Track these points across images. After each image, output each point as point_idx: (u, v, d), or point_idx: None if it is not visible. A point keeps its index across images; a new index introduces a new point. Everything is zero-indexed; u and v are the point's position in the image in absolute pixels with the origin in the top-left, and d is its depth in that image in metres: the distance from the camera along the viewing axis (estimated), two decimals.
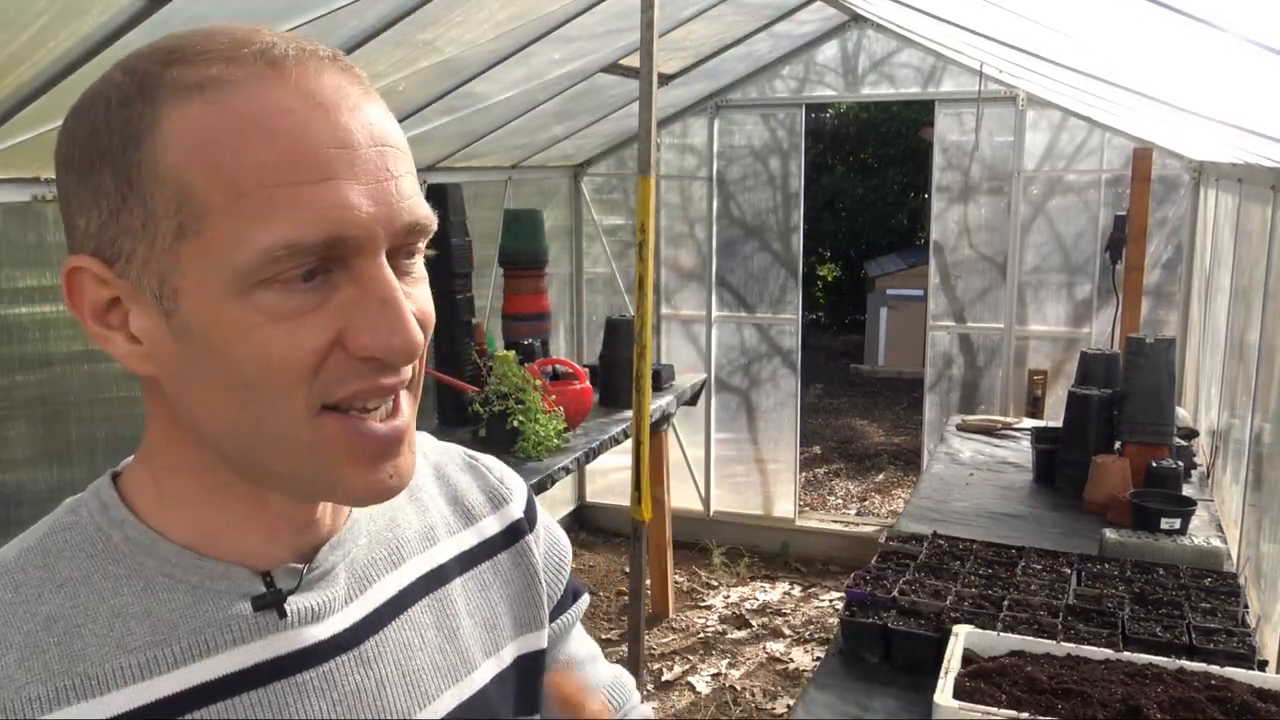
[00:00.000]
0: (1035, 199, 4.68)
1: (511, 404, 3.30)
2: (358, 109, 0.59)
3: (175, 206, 0.57)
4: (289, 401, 0.59)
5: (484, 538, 0.83)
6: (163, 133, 0.57)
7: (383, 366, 0.60)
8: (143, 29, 1.96)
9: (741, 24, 4.27)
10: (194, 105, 0.57)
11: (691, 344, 5.39)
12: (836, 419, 8.53)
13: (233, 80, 0.57)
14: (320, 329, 0.58)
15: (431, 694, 0.72)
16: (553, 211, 5.18)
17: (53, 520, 0.66)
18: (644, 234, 2.81)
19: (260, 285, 0.57)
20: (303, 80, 0.58)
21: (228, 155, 0.56)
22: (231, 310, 0.57)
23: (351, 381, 0.60)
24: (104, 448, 2.75)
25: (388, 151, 0.60)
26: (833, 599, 4.86)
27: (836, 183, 11.55)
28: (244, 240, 0.56)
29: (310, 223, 0.56)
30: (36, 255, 2.57)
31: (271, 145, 0.56)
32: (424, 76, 3.11)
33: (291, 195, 0.56)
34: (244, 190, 0.56)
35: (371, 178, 0.58)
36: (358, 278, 0.59)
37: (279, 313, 0.57)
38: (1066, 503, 2.91)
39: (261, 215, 0.56)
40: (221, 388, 0.60)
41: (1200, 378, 3.99)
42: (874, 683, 1.90)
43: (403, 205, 0.60)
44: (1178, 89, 2.55)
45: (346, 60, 0.62)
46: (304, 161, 0.56)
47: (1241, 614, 2.00)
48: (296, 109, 0.57)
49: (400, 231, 0.60)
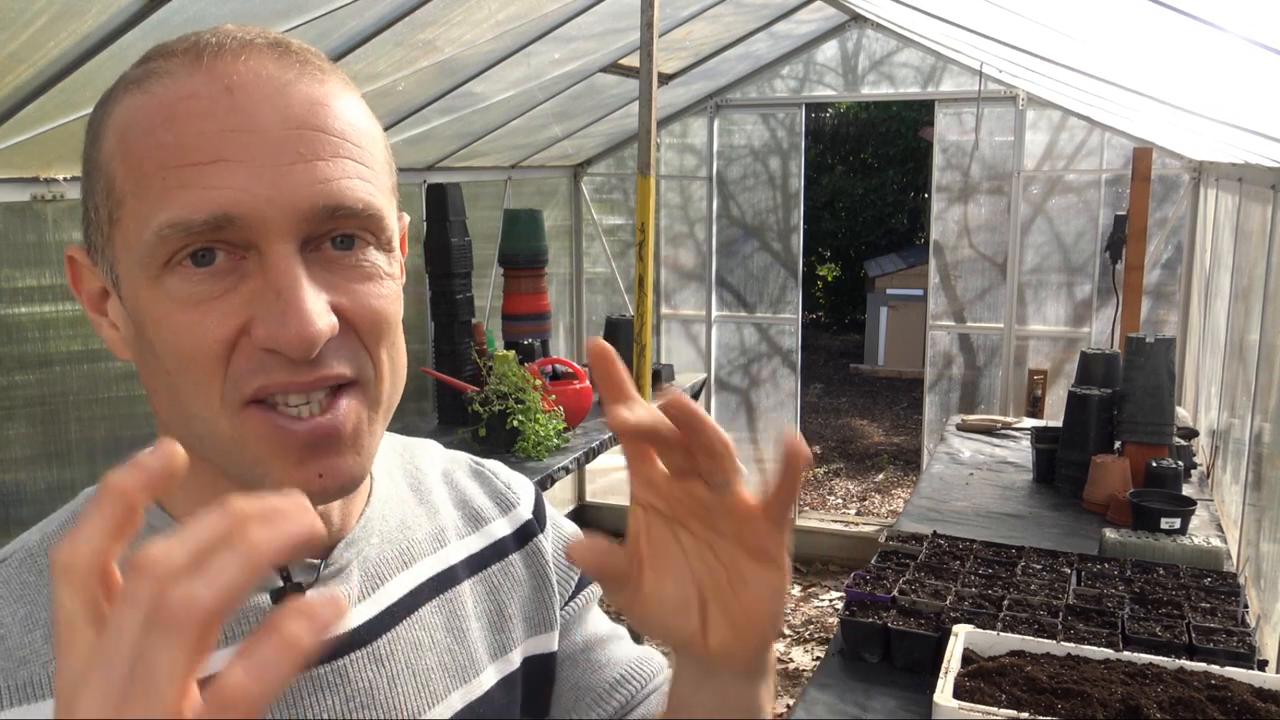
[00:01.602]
0: (1035, 199, 4.68)
1: (511, 404, 3.30)
2: (280, 93, 0.58)
3: (106, 194, 0.59)
4: (206, 392, 0.58)
5: (493, 540, 0.83)
6: (107, 127, 0.59)
7: (288, 360, 0.58)
8: (142, 29, 1.96)
9: (741, 24, 4.27)
10: (127, 98, 0.59)
11: (691, 344, 5.39)
12: (836, 419, 8.53)
13: (160, 72, 0.58)
14: (225, 317, 0.57)
15: (440, 694, 0.73)
16: (552, 211, 5.17)
17: (73, 506, 0.68)
18: (644, 234, 2.80)
19: (166, 270, 0.57)
20: (217, 67, 0.58)
21: (138, 141, 0.57)
22: (148, 296, 0.58)
23: (258, 375, 0.58)
24: (103, 448, 2.75)
25: (309, 135, 0.58)
26: (832, 599, 4.86)
27: (836, 183, 11.55)
28: (144, 221, 0.57)
29: (194, 202, 0.55)
30: (36, 255, 2.57)
31: (171, 129, 0.56)
32: (423, 76, 3.11)
33: (181, 175, 0.56)
34: (146, 172, 0.57)
35: (276, 159, 0.57)
36: (264, 266, 0.57)
37: (184, 299, 0.57)
38: (1066, 503, 2.91)
39: (158, 196, 0.56)
40: (158, 375, 0.60)
41: (1200, 377, 3.99)
42: (874, 683, 1.90)
43: (316, 188, 0.57)
44: (1178, 89, 2.55)
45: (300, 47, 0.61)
46: (198, 143, 0.56)
47: (1241, 614, 2.00)
48: (202, 94, 0.57)
49: (312, 215, 0.57)
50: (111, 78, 0.63)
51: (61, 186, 2.54)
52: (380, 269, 0.62)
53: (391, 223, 0.63)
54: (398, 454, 0.82)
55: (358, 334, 0.61)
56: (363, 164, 0.60)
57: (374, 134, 0.63)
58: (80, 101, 2.18)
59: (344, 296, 0.59)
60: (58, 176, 2.53)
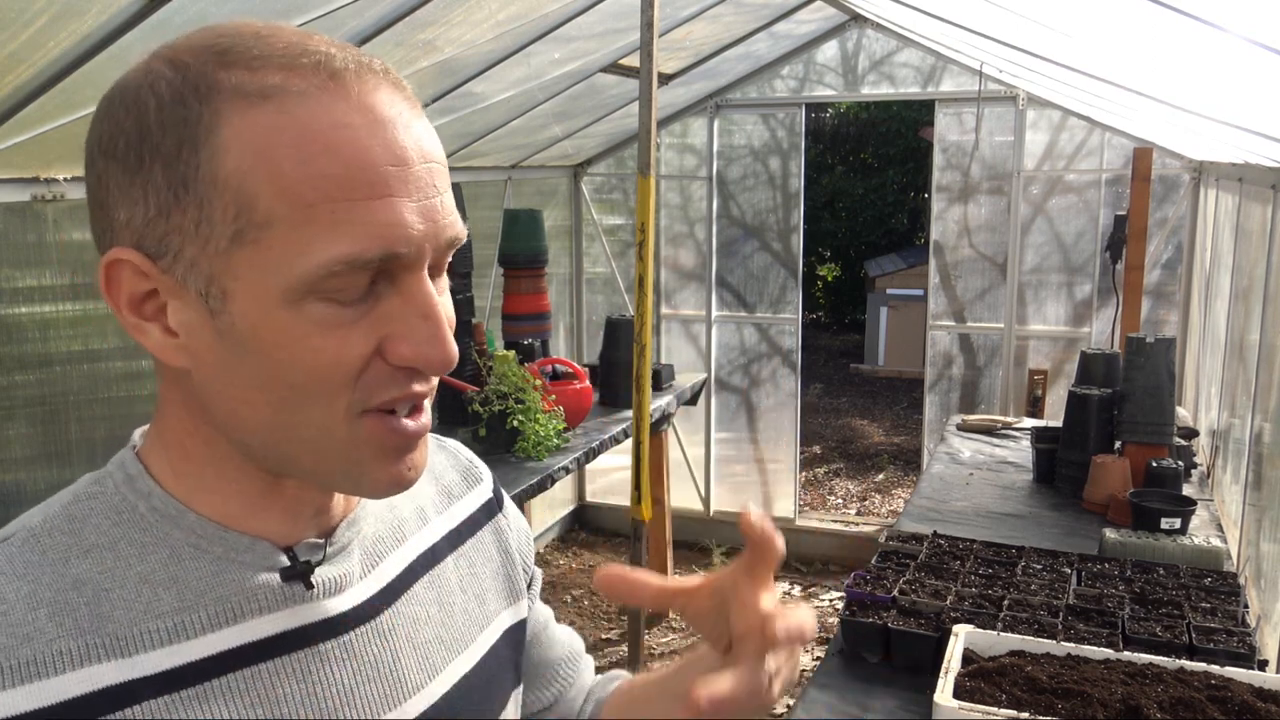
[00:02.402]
0: (1035, 199, 4.68)
1: (511, 404, 3.30)
2: (410, 126, 0.61)
3: (234, 213, 0.58)
4: (330, 404, 0.61)
5: (466, 515, 0.87)
6: (222, 138, 0.57)
7: (417, 374, 0.63)
8: (142, 29, 1.96)
9: (741, 24, 4.27)
10: (256, 113, 0.57)
11: (691, 344, 5.39)
12: (836, 419, 8.53)
13: (295, 91, 0.58)
14: (364, 338, 0.61)
15: (439, 666, 0.76)
16: (552, 211, 5.18)
17: (76, 490, 0.68)
18: (644, 234, 2.81)
19: (313, 295, 0.59)
20: (363, 95, 0.59)
21: (291, 167, 0.57)
22: (282, 317, 0.59)
23: (389, 388, 0.62)
24: (103, 448, 2.75)
25: (434, 169, 0.62)
26: (833, 599, 4.86)
27: (836, 183, 11.55)
28: (304, 252, 0.58)
29: (369, 238, 0.58)
30: (36, 255, 2.57)
31: (334, 160, 0.57)
32: (423, 76, 3.11)
33: (351, 211, 0.58)
34: (309, 202, 0.57)
35: (422, 195, 0.60)
36: (401, 290, 0.61)
37: (326, 322, 0.60)
38: (1066, 502, 2.91)
39: (325, 229, 0.57)
40: (260, 388, 0.61)
41: (1200, 377, 3.99)
42: (874, 682, 1.90)
43: (446, 222, 0.62)
44: (1178, 89, 2.55)
45: (397, 74, 0.64)
46: (364, 178, 0.58)
47: (1241, 614, 2.00)
48: (357, 124, 0.58)
49: (443, 247, 0.63)
50: (112, 77, 0.62)
51: (61, 186, 2.54)
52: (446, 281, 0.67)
53: None
54: None
55: None
56: (450, 193, 0.65)
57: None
58: (80, 101, 2.18)
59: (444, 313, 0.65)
60: (58, 176, 2.53)
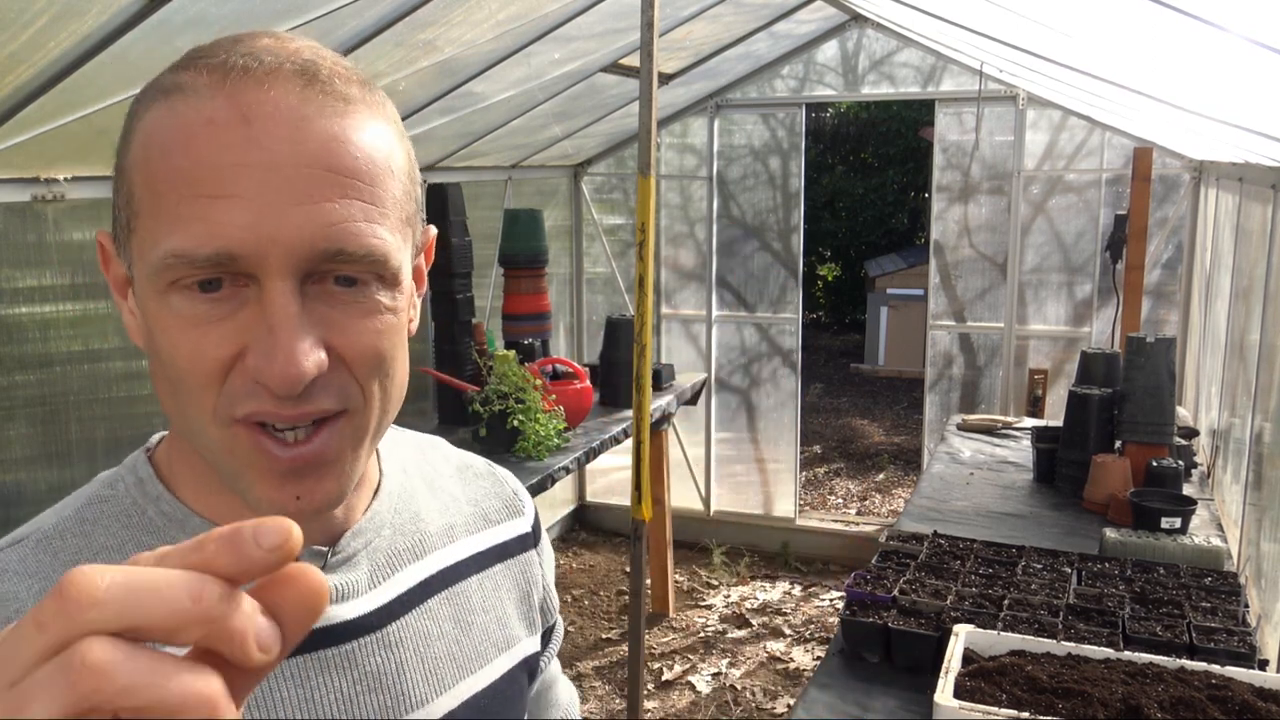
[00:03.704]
0: (1035, 198, 4.68)
1: (511, 404, 3.30)
2: (298, 128, 0.58)
3: (126, 201, 0.61)
4: (199, 403, 0.61)
5: (499, 541, 0.86)
6: (134, 132, 0.61)
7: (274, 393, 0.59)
8: (142, 29, 1.96)
9: (741, 23, 4.27)
10: (156, 108, 0.60)
11: (691, 344, 5.39)
12: (836, 419, 8.53)
13: (189, 88, 0.59)
14: (223, 341, 0.59)
15: (448, 683, 0.75)
16: (553, 211, 5.17)
17: (89, 492, 0.69)
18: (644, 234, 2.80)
19: (172, 288, 0.59)
20: (240, 93, 0.58)
21: (157, 160, 0.59)
22: (154, 307, 0.60)
23: (250, 400, 0.59)
24: (103, 448, 2.75)
25: (319, 175, 0.58)
26: (833, 598, 4.86)
27: (836, 182, 11.55)
28: (152, 242, 0.59)
29: (199, 235, 0.57)
30: (36, 255, 2.57)
31: (188, 155, 0.57)
32: (423, 76, 3.11)
33: (193, 206, 0.57)
34: (160, 193, 0.58)
35: (284, 198, 0.57)
36: (262, 298, 0.58)
37: (185, 317, 0.59)
38: (1067, 502, 2.91)
39: (168, 221, 0.58)
40: (161, 376, 0.63)
41: (1200, 377, 3.99)
42: (874, 682, 1.90)
43: (321, 231, 0.58)
44: (1178, 88, 2.55)
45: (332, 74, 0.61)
46: (210, 175, 0.57)
47: (1242, 613, 2.00)
48: (220, 121, 0.57)
49: (314, 256, 0.58)
50: (112, 77, 0.64)
51: (62, 186, 2.54)
52: (381, 304, 0.62)
53: (398, 259, 0.63)
54: (415, 449, 0.85)
55: (349, 369, 0.62)
56: (373, 204, 0.60)
57: (393, 164, 0.63)
58: (80, 102, 2.18)
59: (338, 334, 0.60)
60: (58, 176, 2.53)
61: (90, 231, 2.66)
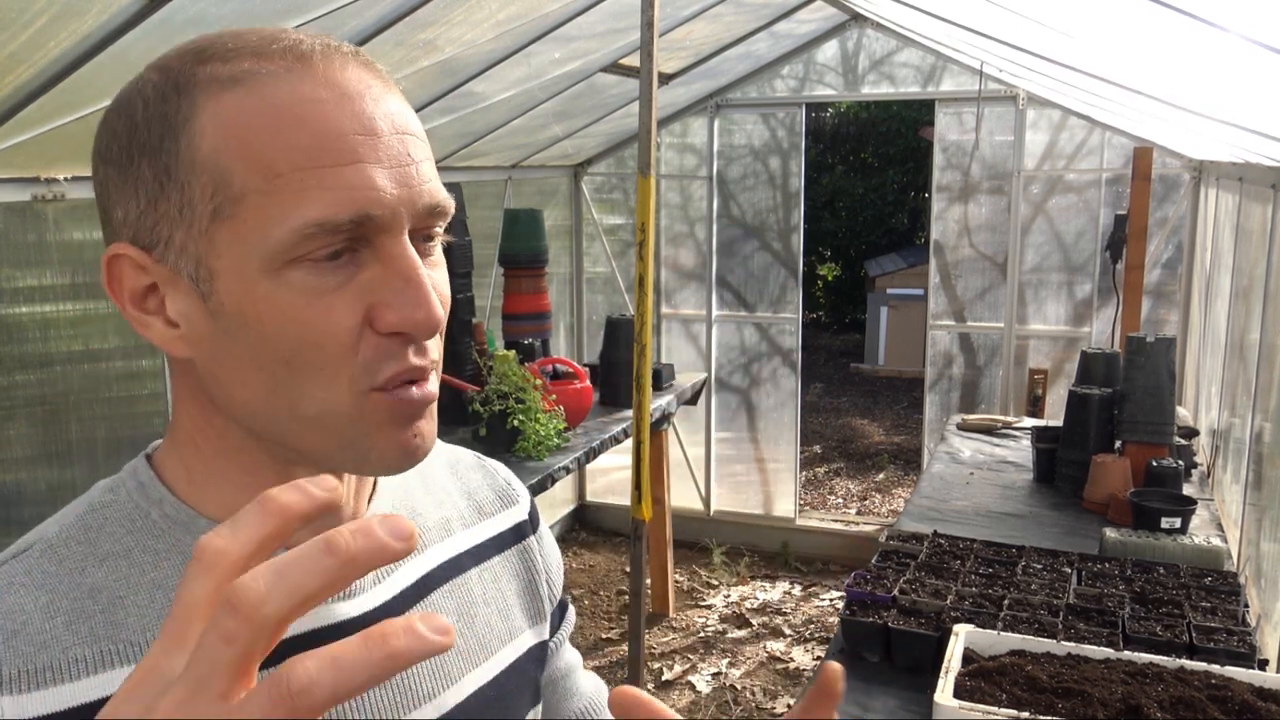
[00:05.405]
0: (1035, 198, 4.68)
1: (511, 403, 3.30)
2: (380, 100, 0.63)
3: (211, 191, 0.60)
4: (332, 380, 0.62)
5: (495, 533, 0.86)
6: (199, 123, 0.61)
7: (410, 342, 0.63)
8: (142, 29, 1.96)
9: (741, 23, 4.27)
10: (229, 96, 0.61)
11: (691, 343, 5.40)
12: (836, 418, 8.53)
13: (264, 73, 0.61)
14: (350, 306, 0.61)
15: (454, 676, 0.76)
16: (553, 211, 5.18)
17: (90, 499, 0.69)
18: (644, 233, 2.80)
19: (290, 264, 0.60)
20: (329, 72, 0.62)
21: (262, 140, 0.60)
22: (265, 288, 0.60)
23: (388, 363, 0.63)
24: (104, 448, 2.75)
25: (408, 139, 0.64)
26: (833, 598, 4.86)
27: (836, 182, 11.55)
28: (278, 219, 0.59)
29: (339, 202, 0.59)
30: (37, 255, 2.57)
31: (302, 131, 0.60)
32: (424, 76, 3.11)
33: (321, 177, 0.59)
34: (279, 172, 0.59)
35: (394, 162, 0.62)
36: (382, 256, 0.62)
37: (310, 290, 0.61)
38: (1067, 502, 2.91)
39: (295, 196, 0.59)
40: (256, 367, 0.62)
41: (1200, 377, 3.99)
42: (874, 682, 1.90)
43: (424, 188, 0.63)
44: (1178, 88, 2.55)
45: (367, 56, 0.67)
46: (332, 145, 0.60)
47: (1241, 613, 2.00)
48: (324, 98, 0.61)
49: (422, 212, 0.63)
50: (112, 77, 0.64)
51: (62, 186, 2.54)
52: (441, 258, 0.68)
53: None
54: None
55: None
56: (432, 162, 0.67)
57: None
58: (80, 102, 2.18)
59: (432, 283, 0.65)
60: (58, 176, 2.53)
61: (90, 232, 2.66)
